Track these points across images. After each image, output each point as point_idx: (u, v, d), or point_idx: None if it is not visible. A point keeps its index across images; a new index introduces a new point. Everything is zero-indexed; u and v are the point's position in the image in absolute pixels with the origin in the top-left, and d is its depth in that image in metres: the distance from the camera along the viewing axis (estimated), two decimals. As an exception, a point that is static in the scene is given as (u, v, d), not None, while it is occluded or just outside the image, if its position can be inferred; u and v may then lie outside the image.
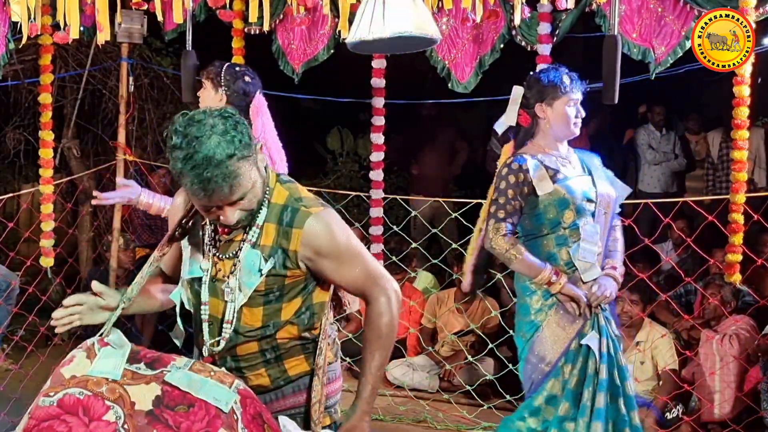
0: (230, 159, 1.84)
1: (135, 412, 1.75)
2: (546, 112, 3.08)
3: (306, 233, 1.98)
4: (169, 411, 1.76)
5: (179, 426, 1.74)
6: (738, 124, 3.75)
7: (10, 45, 4.22)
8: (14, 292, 5.01)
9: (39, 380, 4.68)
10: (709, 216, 4.01)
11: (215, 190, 1.86)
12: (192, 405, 1.77)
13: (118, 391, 1.77)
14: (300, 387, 2.11)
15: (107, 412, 1.74)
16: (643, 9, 3.85)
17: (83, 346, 1.92)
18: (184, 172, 1.85)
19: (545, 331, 3.03)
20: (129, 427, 1.72)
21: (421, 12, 2.53)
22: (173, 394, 1.79)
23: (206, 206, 1.93)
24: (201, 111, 1.90)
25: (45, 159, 4.52)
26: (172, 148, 1.86)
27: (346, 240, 2.03)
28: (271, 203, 2.03)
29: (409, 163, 7.32)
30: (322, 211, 2.02)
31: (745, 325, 4.31)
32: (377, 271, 2.06)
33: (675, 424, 4.29)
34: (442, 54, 4.33)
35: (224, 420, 1.76)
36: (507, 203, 3.03)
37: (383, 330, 2.03)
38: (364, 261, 2.05)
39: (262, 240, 2.01)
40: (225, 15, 4.45)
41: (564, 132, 3.10)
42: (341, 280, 2.05)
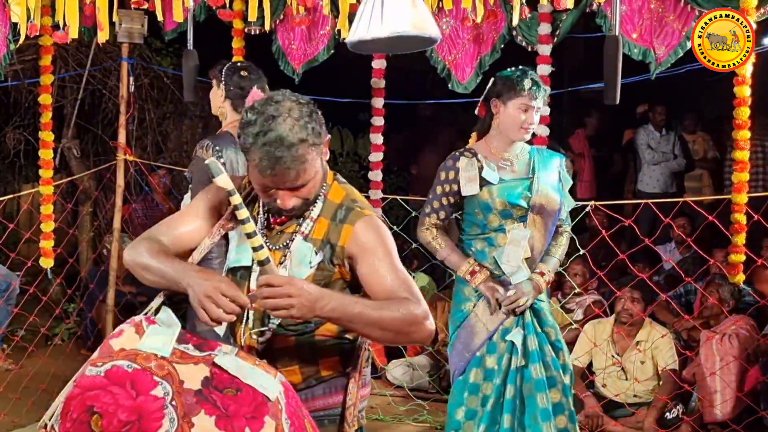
0: (301, 144, 1.85)
1: (184, 390, 1.72)
2: (498, 109, 3.14)
3: (356, 230, 1.98)
4: (218, 393, 1.73)
5: (227, 408, 1.71)
6: (738, 124, 3.75)
7: (11, 46, 4.23)
8: (14, 293, 5.01)
9: (39, 380, 4.69)
10: (709, 216, 4.01)
11: (282, 172, 1.86)
12: (240, 389, 1.75)
13: (167, 368, 1.75)
14: (331, 388, 2.07)
15: (155, 387, 1.71)
16: (643, 9, 3.85)
17: (131, 322, 1.88)
18: (254, 147, 1.85)
19: (471, 319, 3.16)
20: (177, 404, 1.69)
21: (420, 12, 2.53)
22: (222, 377, 1.77)
23: (267, 186, 1.91)
24: (280, 93, 1.93)
25: (45, 159, 4.52)
26: (245, 124, 1.88)
27: (392, 248, 2.01)
28: (328, 199, 2.03)
29: (409, 163, 7.32)
30: (375, 216, 2.03)
31: (745, 324, 4.31)
32: (414, 288, 1.99)
33: (675, 424, 4.29)
34: (442, 54, 4.33)
35: (270, 408, 1.74)
36: (435, 198, 3.19)
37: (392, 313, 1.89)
38: (405, 274, 2.00)
39: (314, 233, 2.01)
40: (225, 15, 4.45)
41: (511, 134, 3.13)
42: (377, 283, 1.97)
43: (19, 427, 4.43)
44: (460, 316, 3.19)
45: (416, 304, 1.92)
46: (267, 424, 1.72)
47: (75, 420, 1.70)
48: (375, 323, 1.88)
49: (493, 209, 3.11)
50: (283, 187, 1.91)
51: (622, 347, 4.57)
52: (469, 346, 3.15)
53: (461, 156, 3.17)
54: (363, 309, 1.86)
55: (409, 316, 1.89)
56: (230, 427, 1.69)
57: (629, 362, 4.52)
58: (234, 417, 1.71)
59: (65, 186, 5.97)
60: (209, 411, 1.70)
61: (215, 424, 1.69)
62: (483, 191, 3.10)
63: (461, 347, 3.17)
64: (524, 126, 3.10)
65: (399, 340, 1.97)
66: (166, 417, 1.67)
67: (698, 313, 4.71)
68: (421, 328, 1.91)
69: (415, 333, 1.92)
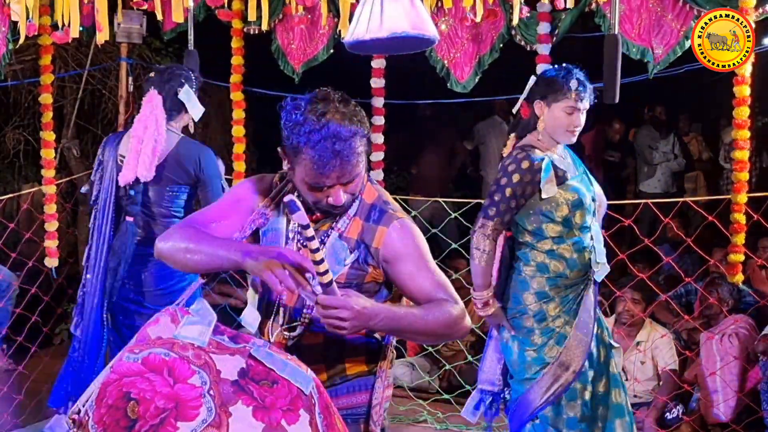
0: (355, 136, 1.89)
1: (221, 380, 1.71)
2: (543, 111, 2.98)
3: (390, 233, 2.00)
4: (254, 384, 1.73)
5: (264, 399, 1.71)
6: (738, 124, 3.75)
7: (10, 45, 4.22)
8: (14, 293, 5.01)
9: (41, 381, 4.68)
10: (709, 216, 4.01)
11: (341, 165, 1.88)
12: (276, 382, 1.75)
13: (203, 357, 1.74)
14: (355, 388, 2.08)
15: (192, 376, 1.70)
16: (642, 9, 3.85)
17: (166, 311, 1.88)
18: (308, 146, 1.87)
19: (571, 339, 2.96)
20: (215, 393, 1.68)
21: (419, 12, 2.52)
22: (257, 369, 1.76)
23: (320, 184, 1.92)
24: (323, 90, 1.96)
25: (47, 159, 4.52)
26: (294, 124, 1.89)
27: (426, 250, 2.05)
28: (362, 198, 2.05)
29: (409, 163, 7.31)
30: (407, 219, 2.05)
31: (744, 324, 4.30)
32: (450, 288, 2.03)
33: (675, 424, 4.28)
34: (441, 54, 4.33)
35: (304, 402, 1.75)
36: (503, 200, 2.91)
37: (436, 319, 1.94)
38: (441, 275, 2.05)
39: (348, 232, 2.02)
40: (224, 15, 4.45)
41: (558, 136, 3.00)
42: (415, 286, 2.00)
43: (21, 428, 4.43)
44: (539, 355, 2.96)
45: (454, 305, 1.99)
46: (302, 417, 1.73)
47: (111, 406, 1.69)
48: (421, 331, 1.98)
49: (581, 207, 2.95)
50: (338, 182, 1.92)
51: (622, 347, 4.57)
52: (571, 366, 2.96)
53: (534, 155, 2.92)
54: (411, 320, 1.94)
55: (450, 318, 1.97)
56: (267, 418, 1.69)
57: (629, 362, 4.52)
58: (271, 409, 1.71)
59: (65, 186, 5.97)
60: (246, 401, 1.70)
61: (252, 415, 1.69)
62: (566, 189, 2.93)
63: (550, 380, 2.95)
64: (570, 129, 2.98)
65: (440, 340, 2.13)
66: (204, 405, 1.67)
67: (698, 314, 4.71)
68: (461, 327, 2.01)
69: (456, 332, 2.02)
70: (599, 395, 2.99)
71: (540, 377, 2.96)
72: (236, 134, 4.64)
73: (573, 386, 2.94)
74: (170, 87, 3.43)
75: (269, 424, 1.68)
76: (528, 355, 2.99)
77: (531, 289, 2.98)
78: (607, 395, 3.01)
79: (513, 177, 2.90)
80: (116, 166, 3.48)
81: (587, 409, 2.97)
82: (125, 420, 1.67)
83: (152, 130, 3.32)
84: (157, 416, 1.65)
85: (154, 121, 3.34)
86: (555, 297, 2.96)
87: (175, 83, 3.44)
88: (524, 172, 2.90)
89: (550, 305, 2.96)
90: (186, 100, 3.44)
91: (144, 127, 3.34)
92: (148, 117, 3.35)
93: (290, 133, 1.90)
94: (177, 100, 3.43)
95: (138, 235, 3.42)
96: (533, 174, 2.90)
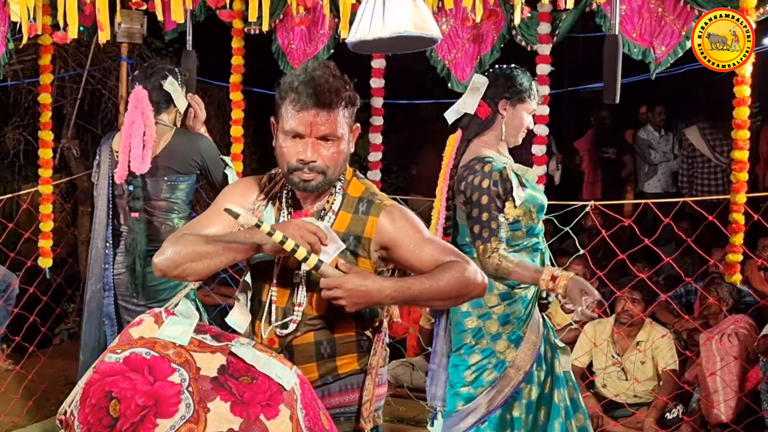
0: (336, 92, 1.95)
1: (200, 377, 1.75)
2: (507, 111, 2.98)
3: (382, 222, 2.02)
4: (234, 380, 1.77)
5: (242, 395, 1.75)
6: (738, 124, 3.75)
7: (10, 45, 4.22)
8: (14, 293, 5.01)
9: (39, 381, 4.68)
10: (709, 216, 4.00)
11: (318, 106, 1.93)
12: (255, 378, 1.79)
13: (184, 355, 1.79)
14: (347, 386, 2.09)
15: (173, 374, 1.74)
16: (643, 9, 3.85)
17: (151, 313, 1.93)
18: (291, 92, 1.95)
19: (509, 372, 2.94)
20: (193, 389, 1.73)
21: (421, 11, 2.52)
22: (238, 365, 1.80)
23: (295, 131, 1.96)
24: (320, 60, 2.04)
25: (45, 159, 4.52)
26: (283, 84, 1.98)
27: (420, 224, 2.06)
28: (347, 193, 2.07)
29: (409, 163, 7.31)
30: (396, 205, 2.07)
31: (744, 324, 4.31)
32: (455, 249, 2.06)
33: (675, 424, 4.28)
34: (442, 54, 4.33)
35: (285, 397, 1.78)
36: (492, 219, 2.84)
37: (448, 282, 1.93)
38: (440, 241, 2.08)
39: (335, 226, 2.03)
40: (225, 15, 4.45)
41: (513, 137, 3.01)
42: (421, 261, 2.00)
43: (19, 428, 4.43)
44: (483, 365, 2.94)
45: (464, 263, 1.98)
46: (282, 412, 1.75)
47: (94, 405, 1.73)
48: (435, 296, 1.95)
49: (543, 210, 2.99)
50: (312, 133, 1.95)
51: (622, 347, 4.57)
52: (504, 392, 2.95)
53: (495, 164, 2.88)
54: (421, 287, 1.93)
55: (462, 278, 1.95)
56: (245, 413, 1.72)
57: (629, 362, 4.52)
58: (249, 404, 1.74)
59: (65, 186, 5.97)
60: (225, 397, 1.73)
61: (230, 410, 1.72)
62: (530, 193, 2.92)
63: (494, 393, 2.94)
64: (524, 131, 3.03)
65: (459, 301, 2.04)
66: (183, 402, 1.71)
67: (698, 314, 4.71)
68: (477, 284, 1.99)
69: (473, 290, 1.99)
70: (544, 395, 3.00)
71: (495, 383, 2.94)
72: (235, 134, 4.64)
73: (521, 387, 2.95)
74: (154, 80, 3.48)
75: (247, 418, 1.71)
76: (490, 363, 2.95)
77: (495, 290, 2.93)
78: (550, 395, 3.01)
79: (491, 191, 2.84)
80: (112, 162, 3.50)
81: (531, 409, 2.97)
82: (108, 419, 1.70)
83: (139, 123, 3.35)
84: (137, 414, 1.69)
85: (140, 115, 3.38)
86: (517, 299, 2.94)
87: (159, 76, 3.49)
88: (496, 184, 2.85)
89: (515, 307, 2.94)
90: (171, 91, 3.47)
91: (131, 122, 3.38)
92: (133, 112, 3.40)
93: (279, 90, 1.99)
94: (163, 92, 3.48)
95: (145, 230, 3.44)
96: (503, 183, 2.86)
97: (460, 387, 3.00)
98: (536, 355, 2.97)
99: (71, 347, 5.60)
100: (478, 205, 2.87)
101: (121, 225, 3.51)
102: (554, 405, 3.00)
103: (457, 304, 2.10)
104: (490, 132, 3.02)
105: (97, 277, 3.53)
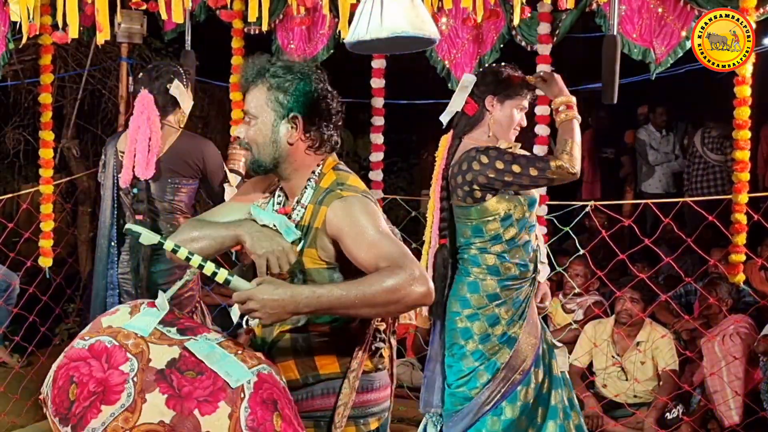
0: (263, 73, 2.06)
1: (148, 368, 1.80)
2: (495, 107, 2.98)
3: (330, 211, 1.97)
4: (178, 374, 1.80)
5: (181, 389, 1.78)
6: (739, 124, 3.74)
7: (10, 45, 4.22)
8: (14, 292, 5.01)
9: (39, 380, 4.67)
10: (709, 216, 4.00)
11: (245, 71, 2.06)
12: (202, 373, 1.81)
13: (141, 346, 1.83)
14: (329, 390, 2.04)
15: (125, 363, 1.80)
16: (643, 9, 3.84)
17: (131, 303, 1.99)
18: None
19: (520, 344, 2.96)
20: (138, 380, 1.78)
21: (419, 12, 2.52)
22: (188, 360, 1.83)
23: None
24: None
25: (45, 159, 4.52)
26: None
27: (368, 221, 1.94)
28: (318, 186, 2.06)
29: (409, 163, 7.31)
30: (354, 196, 1.99)
31: (745, 324, 4.30)
32: (397, 253, 1.89)
33: (675, 424, 4.28)
34: (441, 54, 4.33)
35: (228, 394, 1.79)
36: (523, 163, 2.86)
37: (372, 287, 1.82)
38: (385, 243, 1.91)
39: (303, 220, 2.04)
40: (225, 15, 4.45)
41: (503, 134, 2.99)
42: (361, 261, 1.92)
43: (19, 428, 4.43)
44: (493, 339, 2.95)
45: (397, 270, 1.83)
46: (220, 408, 1.77)
47: (59, 388, 1.81)
48: (359, 303, 1.81)
49: (535, 204, 2.99)
50: (244, 108, 2.07)
51: (623, 348, 4.57)
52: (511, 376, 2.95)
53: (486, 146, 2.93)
54: (342, 294, 1.81)
55: (389, 284, 1.81)
56: (179, 407, 1.76)
57: (629, 363, 4.52)
58: (186, 398, 1.77)
59: (65, 186, 5.97)
60: (163, 390, 1.77)
61: (165, 403, 1.76)
62: None
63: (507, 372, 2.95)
64: (515, 127, 3.02)
65: (394, 310, 1.88)
66: (125, 391, 1.77)
67: (698, 314, 4.71)
68: (409, 292, 1.82)
69: (405, 298, 1.82)
70: (542, 396, 2.99)
71: (489, 383, 2.94)
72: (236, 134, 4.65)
73: (517, 388, 2.94)
74: (160, 84, 3.47)
75: (180, 412, 1.75)
76: (482, 365, 2.95)
77: (481, 291, 2.94)
78: (548, 396, 3.01)
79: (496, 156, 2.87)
80: (117, 163, 3.50)
81: (526, 410, 2.96)
82: (67, 401, 1.78)
83: (145, 128, 3.35)
84: (88, 399, 1.77)
85: (146, 119, 3.37)
86: (506, 300, 2.93)
87: (164, 80, 3.48)
88: (495, 150, 2.89)
89: (503, 308, 2.93)
90: (177, 95, 3.47)
91: (137, 127, 3.38)
92: (139, 117, 3.39)
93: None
94: (169, 96, 3.47)
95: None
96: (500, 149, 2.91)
97: (455, 387, 3.00)
98: (535, 356, 2.97)
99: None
100: (500, 174, 2.86)
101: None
102: (552, 406, 3.00)
103: (390, 314, 1.97)
104: (479, 129, 3.03)
105: (102, 276, 3.53)
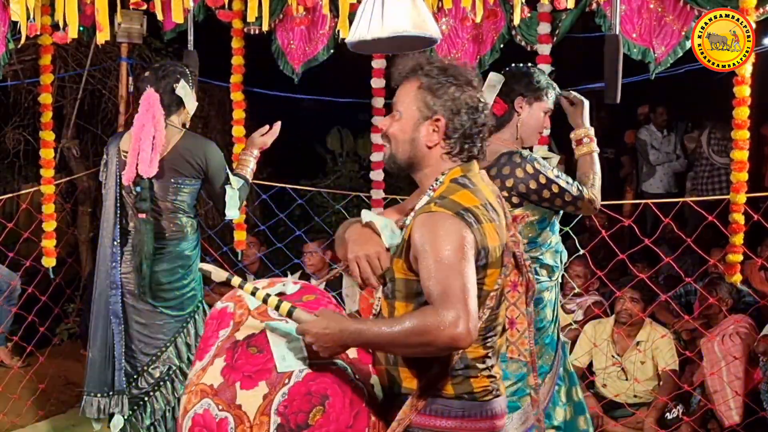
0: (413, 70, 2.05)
1: (232, 337, 1.97)
2: (523, 109, 2.93)
3: (413, 225, 1.90)
4: (245, 348, 1.93)
5: (237, 361, 1.91)
6: (738, 124, 3.74)
7: (10, 45, 4.22)
8: (15, 293, 5.01)
9: (39, 380, 4.68)
10: (709, 216, 4.00)
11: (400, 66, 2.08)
12: (262, 351, 1.91)
13: (243, 317, 2.02)
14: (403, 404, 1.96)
15: (225, 329, 2.03)
16: (643, 9, 3.84)
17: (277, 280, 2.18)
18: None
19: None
20: (221, 345, 1.97)
21: (420, 11, 2.52)
22: (260, 338, 1.94)
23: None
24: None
25: (46, 159, 4.52)
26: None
27: (440, 246, 1.82)
28: (432, 195, 1.99)
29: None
30: (442, 213, 1.87)
31: (744, 324, 4.30)
32: (441, 292, 1.78)
33: (675, 424, 4.28)
34: (442, 54, 4.32)
35: (272, 377, 1.87)
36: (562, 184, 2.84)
37: (402, 327, 1.76)
38: (441, 277, 1.79)
39: (406, 228, 1.96)
40: (224, 15, 4.45)
41: (531, 137, 2.96)
42: (422, 283, 1.84)
43: (19, 428, 4.43)
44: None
45: (429, 312, 1.76)
46: (259, 387, 1.87)
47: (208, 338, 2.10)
48: (391, 343, 1.80)
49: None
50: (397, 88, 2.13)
51: (622, 347, 4.57)
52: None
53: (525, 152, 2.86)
54: (376, 332, 1.80)
55: (420, 326, 1.75)
56: (228, 375, 1.89)
57: (629, 362, 4.52)
58: (236, 370, 1.89)
59: (65, 186, 5.96)
60: (227, 358, 1.93)
61: (221, 370, 1.91)
62: None
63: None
64: (541, 131, 2.97)
65: (424, 352, 1.79)
66: (211, 351, 1.99)
67: (698, 314, 4.71)
68: (438, 336, 1.73)
69: (435, 341, 1.74)
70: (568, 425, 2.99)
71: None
72: (236, 134, 4.64)
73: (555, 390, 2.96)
74: (166, 83, 3.47)
75: (226, 381, 1.89)
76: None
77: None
78: (569, 395, 3.02)
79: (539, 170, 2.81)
80: (120, 162, 3.51)
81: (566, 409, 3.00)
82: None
83: (149, 127, 3.36)
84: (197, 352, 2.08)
85: (151, 118, 3.37)
86: (546, 302, 2.92)
87: (171, 79, 3.48)
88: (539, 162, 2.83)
89: (547, 311, 2.92)
90: (183, 95, 3.47)
91: (141, 126, 3.38)
92: (144, 115, 3.39)
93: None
94: (174, 96, 3.47)
95: (152, 231, 3.44)
96: (541, 161, 2.86)
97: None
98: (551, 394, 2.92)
99: (71, 347, 5.60)
100: (541, 188, 2.81)
101: (129, 224, 3.51)
102: (576, 403, 3.03)
103: (430, 354, 1.83)
104: (506, 130, 2.94)
105: (105, 275, 3.53)
